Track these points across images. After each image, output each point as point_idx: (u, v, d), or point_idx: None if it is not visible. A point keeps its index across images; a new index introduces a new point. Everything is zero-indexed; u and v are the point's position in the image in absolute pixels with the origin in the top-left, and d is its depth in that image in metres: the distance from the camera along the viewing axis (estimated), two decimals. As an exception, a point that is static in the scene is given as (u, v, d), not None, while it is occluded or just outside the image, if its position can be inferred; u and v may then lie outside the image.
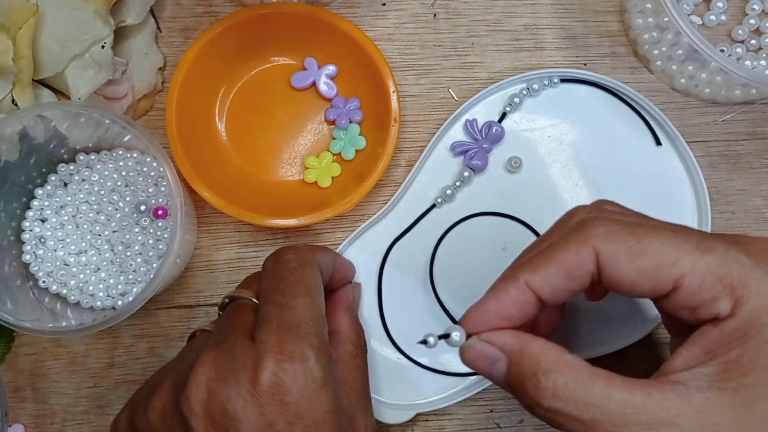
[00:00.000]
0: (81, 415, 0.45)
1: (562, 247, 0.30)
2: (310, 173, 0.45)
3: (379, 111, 0.44)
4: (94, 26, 0.40)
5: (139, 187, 0.44)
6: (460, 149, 0.45)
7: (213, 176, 0.44)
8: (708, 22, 0.48)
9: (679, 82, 0.47)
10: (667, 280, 0.29)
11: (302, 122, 0.46)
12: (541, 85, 0.45)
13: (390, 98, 0.43)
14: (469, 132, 0.45)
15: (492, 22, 0.47)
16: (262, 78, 0.46)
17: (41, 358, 0.45)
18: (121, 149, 0.45)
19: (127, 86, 0.44)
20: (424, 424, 0.45)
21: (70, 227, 0.44)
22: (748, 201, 0.47)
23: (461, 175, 0.45)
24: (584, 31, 0.48)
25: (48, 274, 0.43)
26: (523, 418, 0.45)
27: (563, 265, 0.30)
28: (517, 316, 0.31)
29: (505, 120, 0.45)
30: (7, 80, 0.39)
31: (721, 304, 0.29)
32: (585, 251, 0.30)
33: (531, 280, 0.31)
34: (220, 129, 0.46)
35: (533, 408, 0.30)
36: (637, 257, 0.29)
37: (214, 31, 0.43)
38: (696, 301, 0.29)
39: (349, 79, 0.46)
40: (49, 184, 0.44)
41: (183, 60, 0.43)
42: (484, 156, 0.44)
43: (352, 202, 0.43)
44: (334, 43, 0.45)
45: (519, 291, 0.31)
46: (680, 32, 0.40)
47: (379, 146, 0.44)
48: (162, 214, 0.43)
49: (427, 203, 0.45)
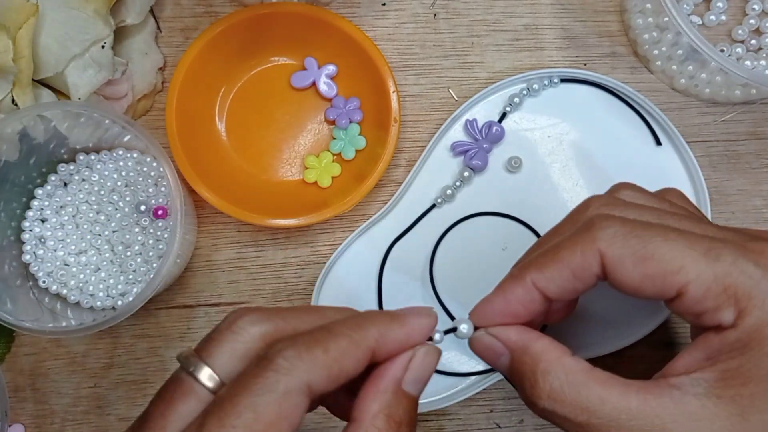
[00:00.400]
0: (81, 415, 0.45)
1: (569, 248, 0.30)
2: (310, 173, 0.45)
3: (379, 111, 0.44)
4: (94, 26, 0.40)
5: (139, 187, 0.44)
6: (460, 149, 0.45)
7: (213, 176, 0.44)
8: (708, 22, 0.48)
9: (679, 82, 0.47)
10: (671, 286, 0.29)
11: (302, 122, 0.46)
12: (541, 85, 0.45)
13: (390, 98, 0.43)
14: (469, 132, 0.45)
15: (492, 22, 0.47)
16: (262, 78, 0.46)
17: (41, 358, 0.45)
18: (121, 149, 0.45)
19: (127, 86, 0.44)
20: (424, 424, 0.45)
21: (70, 227, 0.44)
22: (748, 201, 0.47)
23: (461, 175, 0.45)
24: (584, 31, 0.48)
25: (48, 274, 0.43)
26: (523, 418, 0.45)
27: (569, 266, 0.30)
28: (524, 313, 0.31)
29: (505, 120, 0.45)
30: (7, 80, 0.39)
31: (724, 314, 0.28)
32: (590, 254, 0.30)
33: (537, 279, 0.31)
34: (220, 129, 0.46)
35: (530, 406, 0.30)
36: (642, 262, 0.29)
37: (214, 31, 0.43)
38: (699, 309, 0.29)
39: (349, 79, 0.46)
40: (49, 184, 0.44)
41: (183, 60, 0.43)
42: (484, 156, 0.45)
43: (352, 202, 0.43)
44: (333, 43, 0.45)
45: (525, 290, 0.31)
46: (680, 32, 0.40)
47: (379, 146, 0.44)
48: (162, 214, 0.43)
49: (427, 203, 0.45)
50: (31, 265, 0.43)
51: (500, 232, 0.45)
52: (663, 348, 0.45)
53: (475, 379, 0.43)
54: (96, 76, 0.40)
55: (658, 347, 0.45)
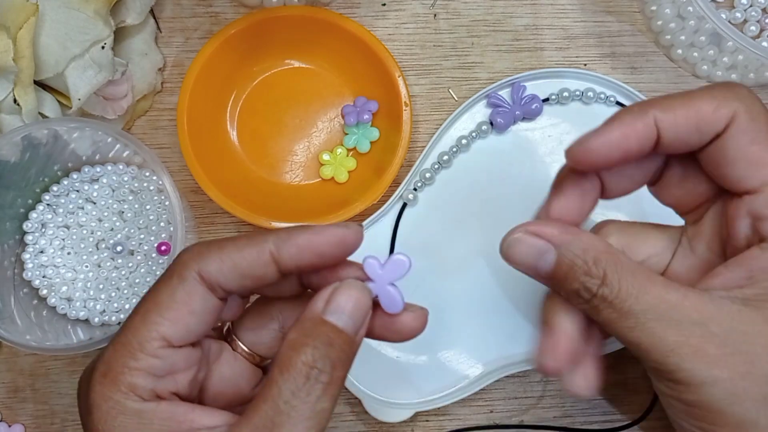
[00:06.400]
0: (81, 415, 0.45)
1: (704, 96, 0.30)
2: (326, 169, 0.46)
3: (389, 100, 0.45)
4: (94, 26, 0.40)
5: (143, 199, 0.44)
6: (495, 101, 0.45)
7: (229, 183, 0.44)
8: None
9: (701, 69, 0.47)
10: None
11: (313, 122, 0.46)
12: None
13: (397, 84, 0.44)
14: (513, 95, 0.45)
15: (492, 23, 0.47)
16: (272, 81, 0.47)
17: (41, 358, 0.45)
18: (122, 164, 0.44)
19: (127, 86, 0.44)
20: (424, 425, 0.45)
21: (70, 241, 0.44)
22: (748, 201, 0.47)
23: (479, 128, 0.45)
24: (584, 31, 0.48)
25: (49, 290, 0.43)
26: (523, 418, 0.45)
27: (698, 113, 0.30)
28: (636, 153, 0.30)
29: (547, 104, 0.45)
30: (8, 80, 0.39)
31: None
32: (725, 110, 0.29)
33: (661, 118, 0.30)
34: (231, 135, 0.46)
35: (578, 296, 0.30)
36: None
37: (227, 33, 0.44)
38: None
39: (358, 76, 0.46)
40: (50, 195, 0.44)
41: (193, 64, 0.43)
42: (511, 119, 0.44)
43: (374, 196, 0.43)
44: (338, 42, 0.45)
45: (646, 127, 0.30)
46: (703, 17, 0.41)
47: (394, 134, 0.44)
48: (165, 250, 0.43)
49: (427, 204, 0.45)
50: (33, 282, 0.43)
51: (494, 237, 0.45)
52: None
53: (474, 378, 0.43)
54: (96, 76, 0.40)
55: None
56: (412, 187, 0.45)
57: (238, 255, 0.29)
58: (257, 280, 0.30)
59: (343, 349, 0.29)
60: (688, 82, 0.47)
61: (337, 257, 0.30)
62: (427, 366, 0.44)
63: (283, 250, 0.29)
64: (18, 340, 0.38)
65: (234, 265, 0.29)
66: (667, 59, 0.47)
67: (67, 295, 0.43)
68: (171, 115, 0.46)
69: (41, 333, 0.41)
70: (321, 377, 0.28)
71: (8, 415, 0.45)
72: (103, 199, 0.44)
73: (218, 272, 0.29)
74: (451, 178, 0.45)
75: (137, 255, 0.44)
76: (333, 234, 0.29)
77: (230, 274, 0.29)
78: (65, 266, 0.43)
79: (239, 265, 0.29)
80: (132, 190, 0.44)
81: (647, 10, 0.47)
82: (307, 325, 0.29)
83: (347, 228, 0.30)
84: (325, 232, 0.29)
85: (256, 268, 0.29)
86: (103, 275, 0.43)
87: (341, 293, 0.29)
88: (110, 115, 0.43)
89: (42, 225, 0.43)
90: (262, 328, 0.33)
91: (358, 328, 0.29)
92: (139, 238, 0.44)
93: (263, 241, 0.29)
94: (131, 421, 0.28)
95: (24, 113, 0.40)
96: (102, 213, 0.44)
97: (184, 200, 0.41)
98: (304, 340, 0.28)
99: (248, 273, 0.29)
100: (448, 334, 0.43)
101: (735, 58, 0.45)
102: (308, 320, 0.29)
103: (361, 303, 0.29)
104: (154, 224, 0.44)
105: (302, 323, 0.29)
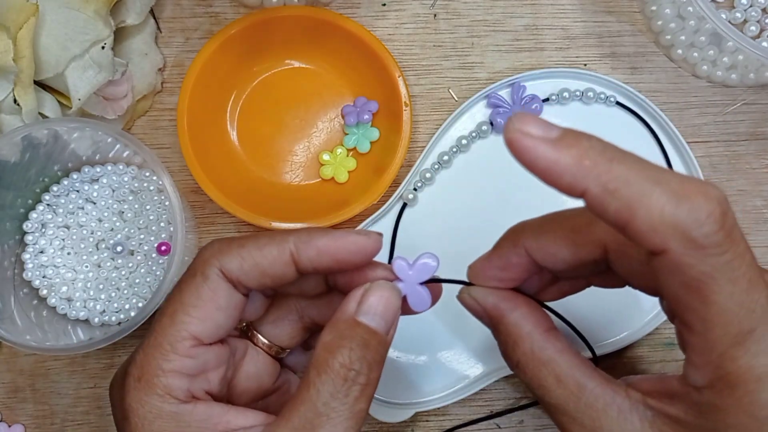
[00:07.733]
0: (81, 415, 0.45)
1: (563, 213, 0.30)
2: (326, 169, 0.46)
3: (389, 100, 0.45)
4: (94, 27, 0.40)
5: (143, 199, 0.44)
6: (495, 101, 0.45)
7: (229, 183, 0.44)
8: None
9: (701, 69, 0.47)
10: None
11: (313, 122, 0.46)
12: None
13: (397, 84, 0.44)
14: (513, 95, 0.45)
15: (492, 23, 0.47)
16: (272, 81, 0.46)
17: (41, 358, 0.45)
18: (122, 164, 0.44)
19: (127, 87, 0.44)
20: (424, 425, 0.45)
21: (70, 242, 0.44)
22: (748, 201, 0.47)
23: (479, 128, 0.45)
24: (584, 31, 0.48)
25: (50, 290, 0.43)
26: (523, 418, 0.45)
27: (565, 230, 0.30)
28: (517, 278, 0.31)
29: (547, 104, 0.45)
30: (8, 80, 0.39)
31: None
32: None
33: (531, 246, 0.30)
34: (231, 135, 0.46)
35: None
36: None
37: (227, 34, 0.44)
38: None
39: (357, 76, 0.46)
40: (50, 195, 0.44)
41: (194, 64, 0.43)
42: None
43: (374, 196, 0.43)
44: (339, 42, 0.45)
45: (518, 256, 0.31)
46: (703, 17, 0.41)
47: (393, 134, 0.44)
48: (165, 250, 0.43)
49: (428, 204, 0.45)
50: (33, 282, 0.43)
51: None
52: (663, 348, 0.45)
53: (474, 378, 0.43)
54: (96, 76, 0.40)
55: (658, 347, 0.45)
56: (412, 187, 0.45)
57: (258, 253, 0.29)
58: (277, 279, 0.30)
59: (378, 350, 0.29)
60: (688, 82, 0.47)
61: (355, 264, 0.30)
62: (427, 366, 0.44)
63: (303, 251, 0.29)
64: (18, 341, 0.38)
65: (255, 264, 0.29)
66: (667, 59, 0.47)
67: (67, 295, 0.43)
68: (171, 115, 0.46)
69: (41, 333, 0.41)
70: (359, 379, 0.28)
71: (8, 415, 0.45)
72: (103, 199, 0.44)
73: (239, 270, 0.29)
74: (451, 178, 0.45)
75: (137, 255, 0.44)
76: (353, 242, 0.30)
77: (251, 272, 0.29)
78: (65, 266, 0.43)
79: (260, 264, 0.29)
80: (132, 190, 0.44)
81: (647, 10, 0.47)
82: (341, 327, 0.29)
83: (368, 237, 0.30)
84: (346, 238, 0.30)
85: (276, 267, 0.30)
86: (103, 275, 0.43)
87: (373, 294, 0.29)
88: (110, 115, 0.43)
89: (42, 225, 0.43)
90: (281, 320, 0.33)
91: (389, 329, 0.30)
92: (139, 238, 0.44)
93: (284, 240, 0.30)
94: (169, 424, 0.28)
95: (24, 113, 0.40)
96: (102, 213, 0.44)
97: (184, 200, 0.41)
98: (340, 342, 0.28)
99: (269, 272, 0.30)
100: (448, 334, 0.43)
101: (735, 58, 0.45)
102: (342, 322, 0.29)
103: (392, 304, 0.30)
104: (154, 224, 0.44)
105: (336, 325, 0.29)
